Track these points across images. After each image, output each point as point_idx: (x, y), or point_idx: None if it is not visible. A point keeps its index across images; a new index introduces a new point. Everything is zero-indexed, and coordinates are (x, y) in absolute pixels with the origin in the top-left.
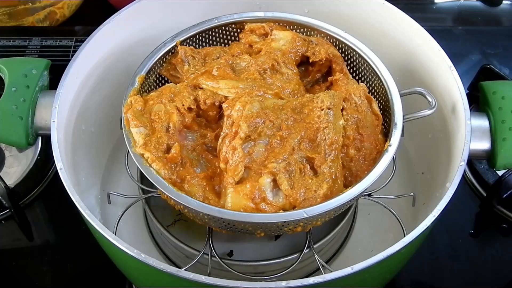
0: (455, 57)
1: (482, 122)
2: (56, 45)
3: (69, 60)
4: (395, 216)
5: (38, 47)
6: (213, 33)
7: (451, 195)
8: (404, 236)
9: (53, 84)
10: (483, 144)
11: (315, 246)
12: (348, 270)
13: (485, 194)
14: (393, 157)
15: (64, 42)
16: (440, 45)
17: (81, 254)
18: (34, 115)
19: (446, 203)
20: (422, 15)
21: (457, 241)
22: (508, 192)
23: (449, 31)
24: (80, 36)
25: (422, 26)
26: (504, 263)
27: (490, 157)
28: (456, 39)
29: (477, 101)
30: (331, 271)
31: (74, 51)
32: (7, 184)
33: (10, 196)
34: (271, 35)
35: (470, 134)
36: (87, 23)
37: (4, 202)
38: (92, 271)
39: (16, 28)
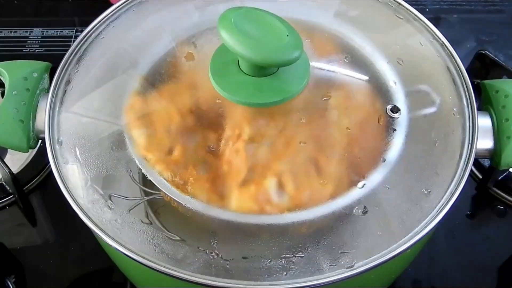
0: (451, 44)
1: (485, 121)
2: (57, 35)
3: None
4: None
5: (39, 37)
6: (215, 33)
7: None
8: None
9: None
10: (486, 143)
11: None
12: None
13: (481, 177)
14: (396, 157)
15: (65, 33)
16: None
17: (81, 251)
18: (35, 118)
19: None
20: (416, 4)
21: (453, 223)
22: (503, 174)
23: (444, 19)
24: (80, 26)
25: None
26: (500, 243)
27: (493, 156)
28: (452, 26)
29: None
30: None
31: (75, 41)
32: (11, 170)
33: (15, 181)
34: None
35: None
36: (86, 14)
37: (9, 188)
38: (92, 271)
39: (17, 19)
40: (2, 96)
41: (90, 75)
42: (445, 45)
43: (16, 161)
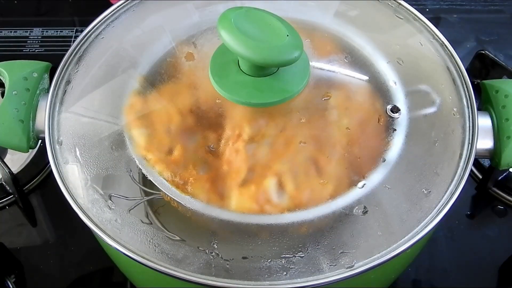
0: (451, 44)
1: (485, 121)
2: (57, 35)
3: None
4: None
5: (39, 37)
6: (215, 33)
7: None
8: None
9: None
10: (486, 143)
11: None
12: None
13: (481, 177)
14: (396, 157)
15: (65, 33)
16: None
17: (81, 251)
18: (35, 118)
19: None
20: (416, 4)
21: (454, 223)
22: (503, 174)
23: (444, 19)
24: (80, 26)
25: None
26: (500, 243)
27: (493, 156)
28: (452, 26)
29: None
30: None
31: (75, 41)
32: (11, 170)
33: (14, 181)
34: None
35: None
36: (86, 14)
37: (8, 188)
38: (92, 271)
39: (17, 19)
40: (2, 96)
41: (90, 75)
42: (445, 45)
43: (16, 161)
